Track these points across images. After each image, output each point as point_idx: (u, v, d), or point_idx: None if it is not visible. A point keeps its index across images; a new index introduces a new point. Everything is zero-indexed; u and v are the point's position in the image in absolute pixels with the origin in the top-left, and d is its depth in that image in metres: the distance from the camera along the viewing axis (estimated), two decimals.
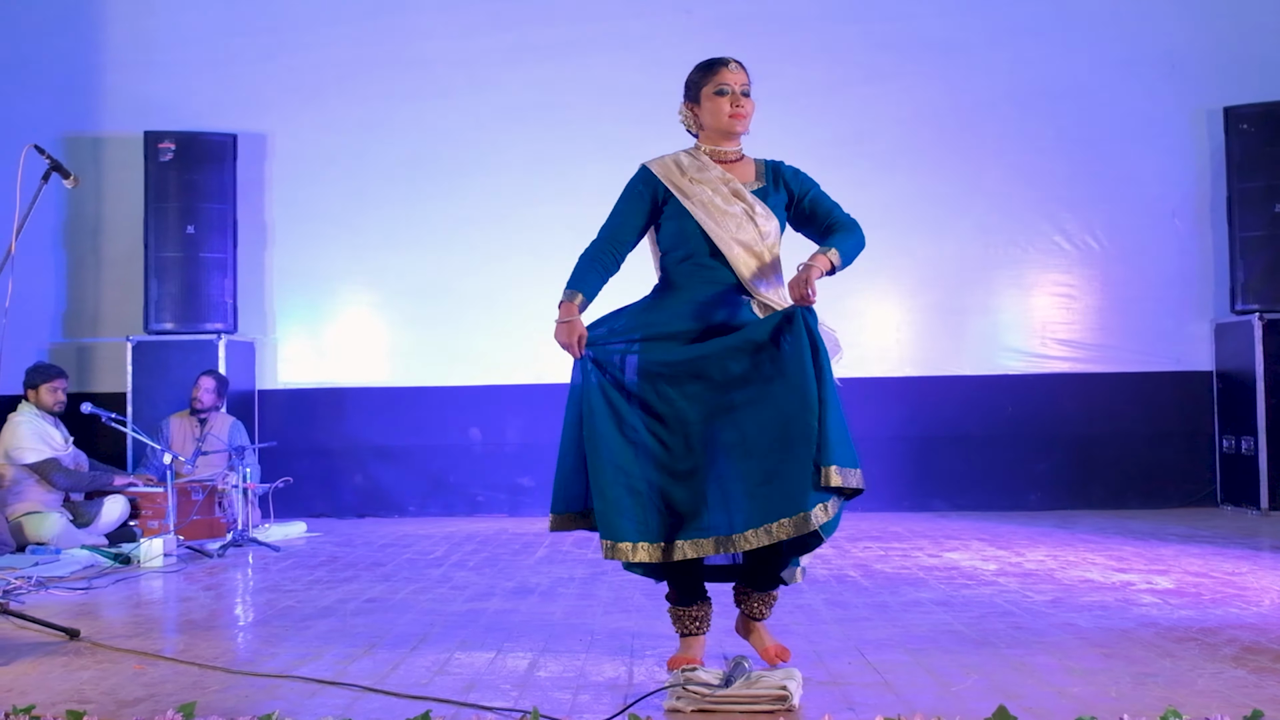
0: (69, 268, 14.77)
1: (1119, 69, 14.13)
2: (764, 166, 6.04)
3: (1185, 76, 14.04)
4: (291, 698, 5.45)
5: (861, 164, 13.84)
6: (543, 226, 13.86)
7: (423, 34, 14.61)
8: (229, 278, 14.08)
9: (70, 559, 10.43)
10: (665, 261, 6.03)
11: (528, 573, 9.61)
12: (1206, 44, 14.02)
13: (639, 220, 5.99)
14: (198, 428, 12.74)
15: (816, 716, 4.59)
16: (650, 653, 6.32)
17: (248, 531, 11.57)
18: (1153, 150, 14.09)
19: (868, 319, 14.02)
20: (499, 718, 4.73)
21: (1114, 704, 5.07)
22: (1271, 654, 6.03)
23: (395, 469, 14.57)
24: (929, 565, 9.68)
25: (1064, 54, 14.19)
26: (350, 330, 14.77)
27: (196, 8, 14.75)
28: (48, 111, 14.50)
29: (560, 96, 14.35)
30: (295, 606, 8.14)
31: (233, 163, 14.23)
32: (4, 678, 5.94)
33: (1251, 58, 13.84)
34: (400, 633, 7.08)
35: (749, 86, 5.95)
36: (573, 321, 5.80)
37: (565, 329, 5.80)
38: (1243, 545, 10.51)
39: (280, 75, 14.69)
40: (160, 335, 13.88)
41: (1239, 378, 13.49)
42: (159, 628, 7.57)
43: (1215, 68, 13.96)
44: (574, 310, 5.83)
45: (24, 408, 11.56)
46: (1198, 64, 14.03)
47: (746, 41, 13.51)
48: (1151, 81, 14.09)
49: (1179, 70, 14.05)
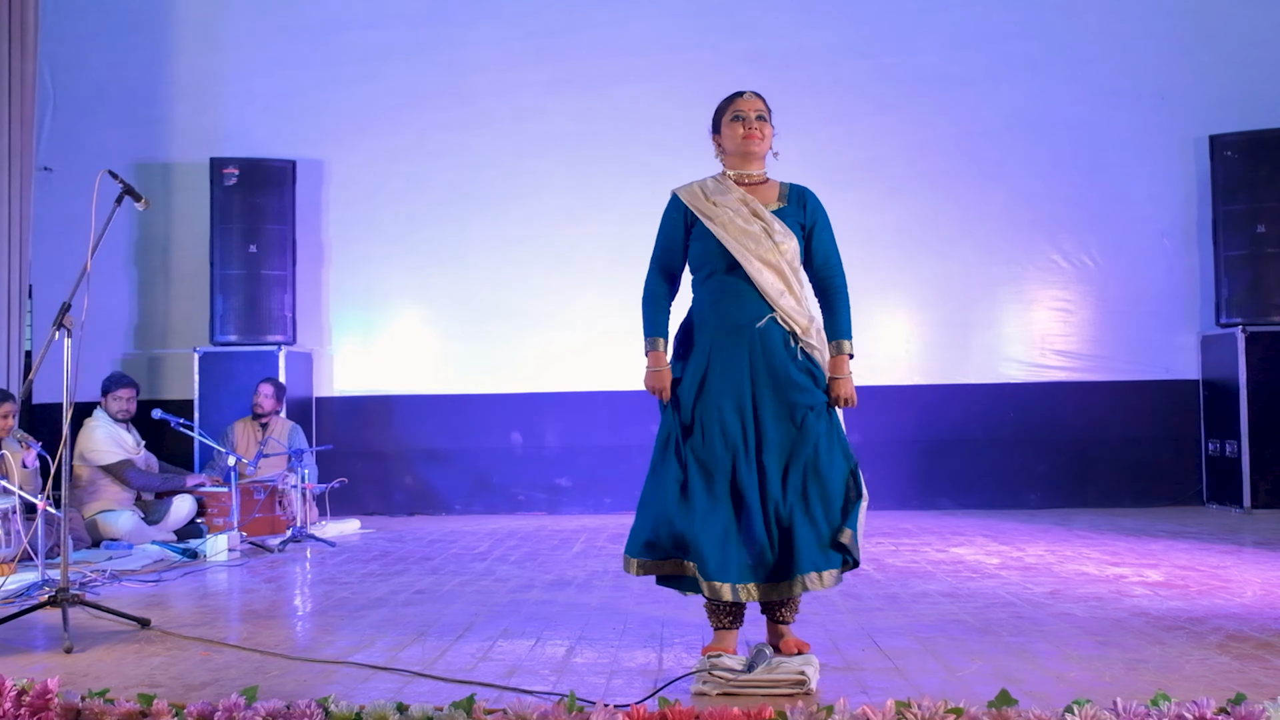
0: (140, 284, 14.79)
1: (1111, 100, 14.11)
2: (788, 189, 6.06)
3: (1173, 107, 14.03)
4: (347, 682, 5.47)
5: (874, 188, 13.88)
6: (579, 246, 13.91)
7: (468, 68, 14.64)
8: (289, 293, 14.11)
9: (142, 554, 10.48)
10: (695, 280, 6.07)
11: (565, 566, 9.61)
12: (1192, 77, 14.01)
13: (680, 243, 6.05)
14: (260, 432, 12.77)
15: (832, 699, 4.58)
16: (679, 640, 6.32)
17: (306, 528, 11.58)
18: (1143, 175, 14.08)
19: (880, 331, 14.01)
20: (539, 701, 4.72)
21: (1108, 688, 5.05)
22: (1254, 642, 6.02)
23: (442, 470, 14.58)
24: (936, 559, 9.67)
25: (1060, 87, 14.18)
26: (401, 342, 14.80)
27: (259, 44, 14.80)
28: (121, 140, 14.53)
29: (595, 125, 14.37)
30: (350, 598, 8.15)
31: (292, 187, 14.25)
32: (81, 663, 5.96)
33: (1234, 90, 13.82)
34: (447, 622, 7.08)
35: (765, 113, 6.00)
36: (662, 370, 5.89)
37: (656, 376, 5.90)
38: (1227, 541, 10.47)
39: (336, 106, 14.74)
40: (225, 347, 13.91)
41: (1223, 386, 13.47)
42: (224, 617, 7.57)
43: (1201, 99, 13.94)
44: (662, 359, 5.93)
45: (99, 413, 11.61)
46: (1184, 95, 14.02)
47: (768, 76, 13.51)
48: (1142, 112, 14.07)
49: (1167, 101, 14.04)
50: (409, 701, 4.60)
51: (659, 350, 5.93)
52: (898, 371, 14.06)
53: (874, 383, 13.45)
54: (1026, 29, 14.27)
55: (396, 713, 4.52)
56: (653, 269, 6.12)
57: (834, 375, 5.88)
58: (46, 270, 13.56)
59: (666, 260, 6.09)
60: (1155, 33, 14.12)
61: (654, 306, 6.05)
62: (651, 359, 5.92)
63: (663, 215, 6.12)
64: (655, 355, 5.92)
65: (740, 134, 5.95)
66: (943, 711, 4.31)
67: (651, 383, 5.90)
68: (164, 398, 13.90)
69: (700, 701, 4.95)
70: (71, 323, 6.92)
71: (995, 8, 14.32)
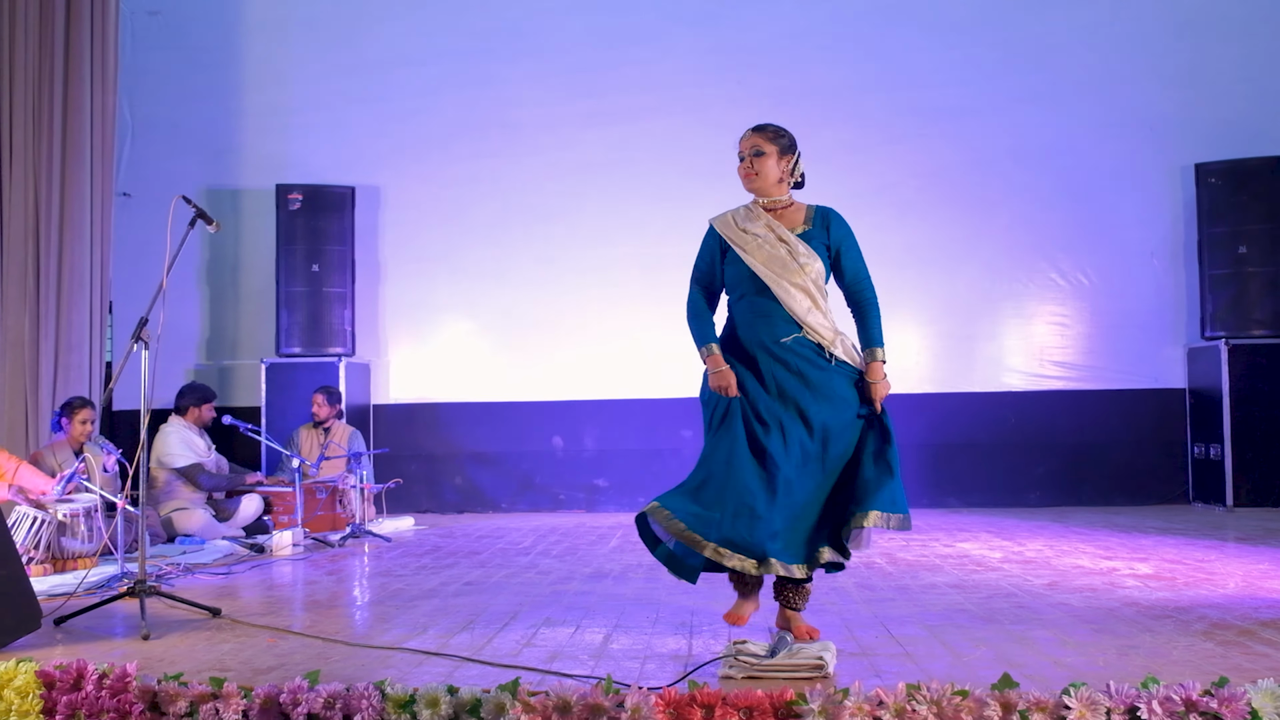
0: (211, 300, 14.84)
1: (1105, 131, 14.08)
2: (813, 211, 6.08)
3: (1161, 138, 13.99)
4: (401, 666, 5.49)
5: (886, 212, 13.86)
6: (615, 264, 13.93)
7: (513, 102, 14.66)
8: (348, 308, 14.16)
9: (213, 548, 10.53)
10: (730, 301, 6.12)
11: (602, 560, 9.62)
12: (1179, 110, 13.97)
13: (717, 267, 6.11)
14: (322, 436, 12.81)
15: (848, 682, 4.58)
16: (707, 628, 6.33)
17: (364, 525, 11.62)
18: (1134, 201, 14.04)
19: (891, 343, 13.71)
20: (578, 684, 4.73)
21: (1101, 671, 5.06)
22: (1236, 629, 6.01)
23: (489, 471, 14.59)
24: (944, 554, 9.65)
25: (1058, 118, 14.15)
26: (451, 353, 14.81)
27: (321, 79, 14.86)
28: (194, 168, 14.59)
29: (630, 154, 14.38)
30: (404, 589, 8.17)
31: (351, 211, 14.32)
32: (157, 649, 5.99)
33: (1218, 121, 13.79)
34: (494, 611, 7.10)
35: (761, 146, 6.00)
36: (724, 370, 5.87)
37: (720, 375, 5.86)
38: (1211, 537, 10.43)
39: (391, 137, 14.78)
40: (289, 358, 13.96)
41: (1208, 394, 13.43)
42: (288, 607, 7.60)
43: (1187, 130, 13.91)
44: (720, 360, 5.91)
45: (173, 420, 11.68)
46: (1172, 127, 13.98)
47: (787, 108, 13.51)
48: (1132, 142, 14.04)
49: (1156, 132, 14.00)
50: (459, 684, 4.61)
51: (715, 354, 5.91)
52: (908, 381, 14.00)
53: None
54: (1026, 66, 14.25)
55: (447, 695, 4.53)
56: (694, 287, 6.16)
57: (871, 380, 5.91)
58: (125, 288, 13.61)
59: (706, 280, 6.15)
60: (1145, 70, 14.09)
61: (700, 320, 6.07)
62: (710, 362, 5.91)
63: (701, 242, 6.17)
64: (713, 359, 5.90)
65: (739, 171, 6.05)
66: (950, 694, 4.32)
67: (717, 382, 5.86)
68: (233, 405, 13.91)
69: (727, 684, 4.96)
70: (148, 336, 6.96)
71: (998, 47, 14.32)
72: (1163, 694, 4.26)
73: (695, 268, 6.18)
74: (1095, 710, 4.23)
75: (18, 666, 4.89)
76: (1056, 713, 4.27)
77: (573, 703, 4.44)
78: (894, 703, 4.33)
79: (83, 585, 7.75)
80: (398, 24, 14.89)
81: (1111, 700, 4.26)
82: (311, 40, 14.96)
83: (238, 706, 4.64)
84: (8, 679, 4.85)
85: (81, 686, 4.80)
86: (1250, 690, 4.28)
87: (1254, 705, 4.23)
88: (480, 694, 4.52)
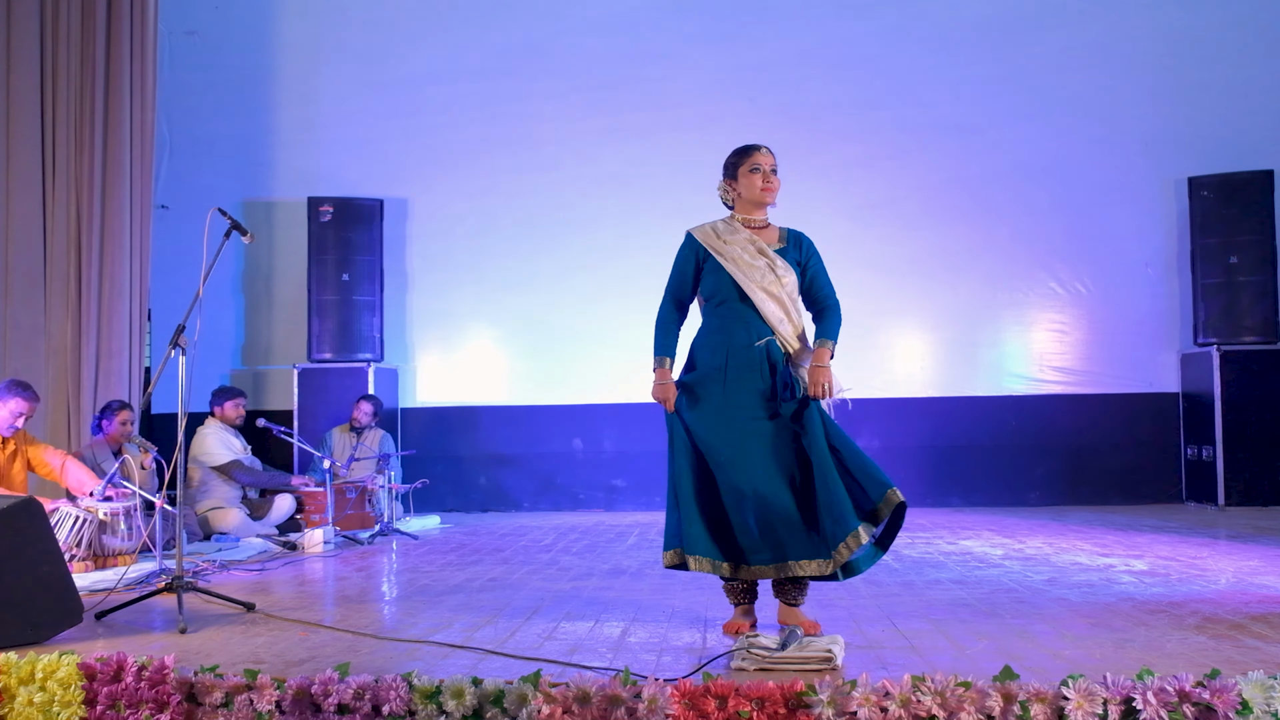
0: (246, 308, 14.89)
1: (1101, 146, 14.09)
2: (786, 233, 6.26)
3: (1155, 153, 14.00)
4: (428, 659, 5.48)
5: (891, 224, 13.94)
6: (631, 274, 13.87)
7: (534, 118, 14.70)
8: (377, 316, 14.19)
9: (247, 546, 10.53)
10: (706, 307, 6.26)
11: (620, 557, 9.63)
12: (1173, 125, 13.98)
13: (691, 277, 6.24)
14: (354, 438, 12.84)
15: (856, 675, 4.56)
16: (720, 622, 6.31)
17: (392, 523, 11.64)
18: (1129, 213, 14.05)
19: (898, 350, 14.09)
20: (597, 675, 4.73)
21: (1098, 664, 5.05)
22: (1227, 623, 5.99)
23: (512, 472, 14.59)
24: (948, 550, 9.64)
25: (1056, 134, 14.15)
26: (475, 358, 14.84)
27: (351, 96, 14.91)
28: (229, 181, 14.63)
29: (646, 169, 14.39)
30: (431, 584, 8.17)
31: (380, 222, 14.35)
32: (194, 642, 5.99)
33: (1210, 136, 13.79)
34: (517, 606, 7.10)
35: (776, 166, 6.17)
36: (667, 384, 6.06)
37: (661, 389, 6.07)
38: (1203, 535, 10.41)
39: (419, 151, 14.80)
40: (321, 363, 13.99)
41: (1200, 398, 13.44)
42: (320, 602, 7.60)
43: (1180, 145, 13.92)
44: (667, 375, 6.12)
45: (210, 421, 11.69)
46: (1166, 142, 13.99)
47: (796, 125, 13.65)
48: (1128, 156, 14.05)
49: (1150, 147, 14.01)
50: (483, 676, 4.61)
51: (665, 368, 6.12)
52: (913, 385, 14.08)
53: (892, 395, 13.68)
54: (1026, 84, 14.26)
55: (472, 686, 4.53)
56: (666, 298, 6.32)
57: (816, 364, 5.95)
58: (164, 296, 13.60)
59: (679, 292, 6.29)
60: (1139, 87, 14.10)
61: (665, 331, 6.25)
62: (658, 374, 6.10)
63: (678, 252, 6.33)
64: (661, 371, 6.11)
65: (758, 186, 6.14)
66: (953, 685, 4.31)
67: (658, 394, 6.06)
68: (267, 408, 13.95)
69: (739, 676, 4.94)
70: (185, 342, 6.96)
71: (999, 65, 14.32)
72: (1157, 685, 4.24)
73: (671, 278, 6.33)
74: (1092, 701, 4.22)
75: (60, 659, 4.90)
76: (1055, 703, 4.26)
77: (592, 694, 4.44)
78: (900, 694, 4.32)
79: (122, 581, 7.75)
80: (424, 44, 14.94)
81: (1108, 691, 4.25)
82: (341, 59, 15.02)
83: (271, 697, 4.64)
84: (51, 671, 4.86)
85: (121, 678, 4.80)
86: (1241, 681, 4.26)
87: (1244, 696, 4.22)
88: (503, 685, 4.52)
